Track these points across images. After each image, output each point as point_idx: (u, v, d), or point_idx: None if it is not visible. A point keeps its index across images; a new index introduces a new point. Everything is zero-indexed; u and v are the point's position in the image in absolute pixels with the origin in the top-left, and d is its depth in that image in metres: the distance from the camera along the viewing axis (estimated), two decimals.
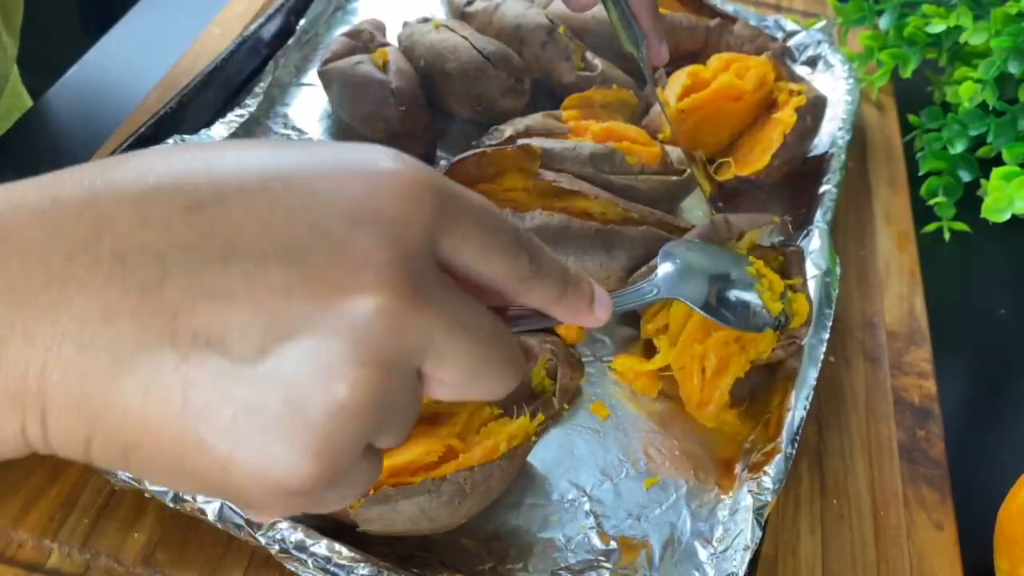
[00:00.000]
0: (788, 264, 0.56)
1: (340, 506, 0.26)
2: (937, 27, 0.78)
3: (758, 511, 0.46)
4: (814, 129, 0.71)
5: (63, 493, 0.47)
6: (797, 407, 0.51)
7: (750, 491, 0.48)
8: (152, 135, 0.64)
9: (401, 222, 0.24)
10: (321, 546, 0.43)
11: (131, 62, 0.77)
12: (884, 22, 0.83)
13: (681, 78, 0.71)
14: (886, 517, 0.53)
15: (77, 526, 0.46)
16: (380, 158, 0.25)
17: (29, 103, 0.80)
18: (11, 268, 0.22)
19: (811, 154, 0.72)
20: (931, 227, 0.73)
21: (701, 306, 0.49)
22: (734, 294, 0.51)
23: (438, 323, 0.24)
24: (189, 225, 0.22)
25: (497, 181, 0.63)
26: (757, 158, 0.69)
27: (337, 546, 0.43)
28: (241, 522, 0.43)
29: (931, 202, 0.74)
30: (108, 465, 0.24)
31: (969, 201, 0.74)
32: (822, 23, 0.85)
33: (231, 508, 0.44)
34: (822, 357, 0.54)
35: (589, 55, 0.74)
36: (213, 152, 0.24)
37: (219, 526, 0.44)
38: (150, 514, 0.47)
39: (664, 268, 0.50)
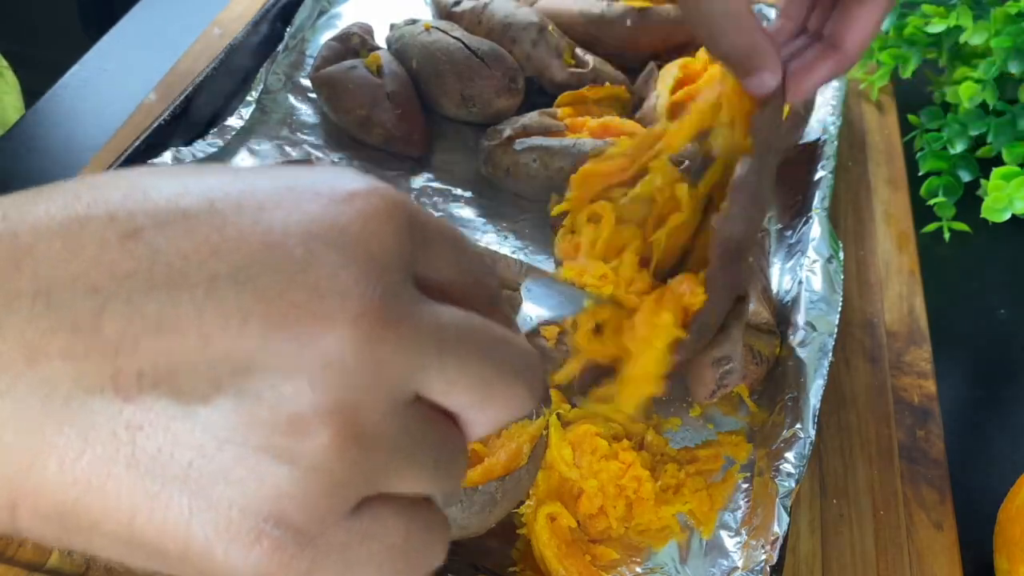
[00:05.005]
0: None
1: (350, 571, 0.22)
2: (937, 27, 0.78)
3: (783, 498, 0.46)
4: (806, 117, 0.71)
5: None
6: (812, 395, 0.51)
7: (773, 477, 0.48)
8: (146, 148, 0.63)
9: (369, 240, 0.21)
10: None
11: (131, 62, 0.77)
12: (884, 22, 0.83)
13: (673, 71, 0.71)
14: (886, 517, 0.53)
15: None
16: (342, 178, 0.22)
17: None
18: None
19: (802, 141, 0.72)
20: (931, 227, 0.73)
21: None
22: None
23: (425, 340, 0.21)
24: (126, 253, 0.19)
25: None
26: (796, 135, 0.69)
27: None
28: None
29: (931, 202, 0.74)
30: (41, 538, 0.21)
31: (969, 201, 0.74)
32: None
33: None
34: (833, 344, 0.54)
35: (579, 52, 0.74)
36: (150, 178, 0.21)
37: None
38: None
39: None
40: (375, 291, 0.20)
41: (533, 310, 0.54)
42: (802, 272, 0.59)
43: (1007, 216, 0.71)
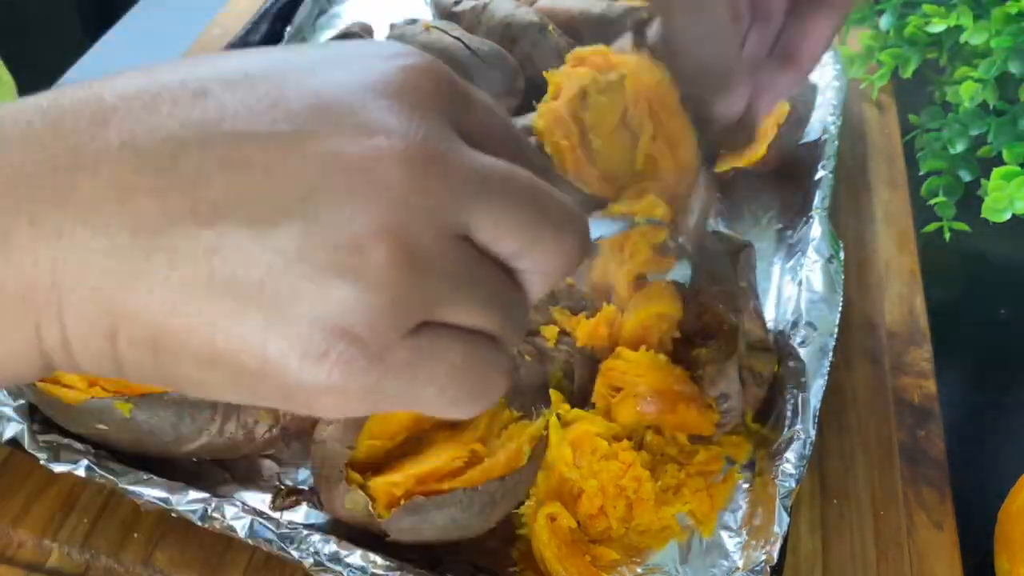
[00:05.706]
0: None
1: (412, 400, 0.24)
2: (937, 27, 0.78)
3: (783, 498, 0.46)
4: (806, 117, 0.71)
5: (63, 493, 0.47)
6: (812, 395, 0.51)
7: (773, 477, 0.48)
8: None
9: (411, 90, 0.24)
10: (355, 556, 0.43)
11: (131, 62, 0.77)
12: (884, 22, 0.83)
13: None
14: (886, 517, 0.53)
15: (77, 526, 0.46)
16: (386, 45, 0.25)
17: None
18: (11, 161, 0.21)
19: (802, 141, 0.72)
20: (931, 227, 0.73)
21: None
22: None
23: (470, 177, 0.23)
24: (196, 107, 0.22)
25: None
26: (752, 149, 0.69)
27: (372, 555, 0.43)
28: (272, 536, 0.43)
29: (931, 202, 0.74)
30: (137, 369, 0.23)
31: (969, 201, 0.74)
32: None
33: (262, 523, 0.43)
34: (833, 344, 0.54)
35: None
36: (214, 56, 0.25)
37: (250, 542, 0.43)
38: (150, 514, 0.47)
39: None
40: (419, 130, 0.23)
41: None
42: (802, 272, 0.59)
43: (1007, 216, 0.70)
